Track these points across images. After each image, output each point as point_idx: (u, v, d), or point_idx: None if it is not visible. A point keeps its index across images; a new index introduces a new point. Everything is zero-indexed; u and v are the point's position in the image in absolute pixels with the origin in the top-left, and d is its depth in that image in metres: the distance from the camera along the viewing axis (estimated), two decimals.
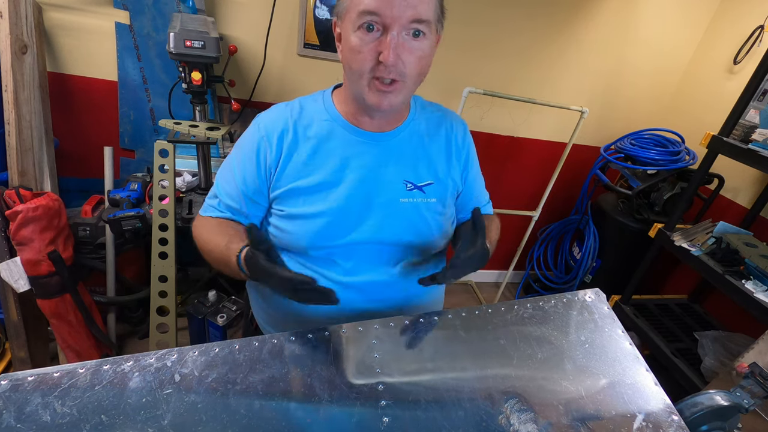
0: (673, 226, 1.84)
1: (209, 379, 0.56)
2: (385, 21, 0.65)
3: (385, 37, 0.66)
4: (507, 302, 0.78)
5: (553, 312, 0.78)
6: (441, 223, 0.87)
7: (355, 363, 0.63)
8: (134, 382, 0.54)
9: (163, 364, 0.57)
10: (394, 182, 0.82)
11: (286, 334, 0.65)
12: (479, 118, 2.22)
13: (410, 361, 0.66)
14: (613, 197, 2.35)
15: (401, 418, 0.56)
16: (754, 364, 0.72)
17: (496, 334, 0.72)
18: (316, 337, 0.66)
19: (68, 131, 1.78)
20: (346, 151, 0.80)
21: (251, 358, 0.60)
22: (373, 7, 0.64)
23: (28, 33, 1.46)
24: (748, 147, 1.52)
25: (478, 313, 0.75)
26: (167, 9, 1.66)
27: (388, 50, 0.66)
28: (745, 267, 1.56)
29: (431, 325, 0.73)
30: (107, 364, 0.55)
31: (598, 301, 0.82)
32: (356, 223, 0.80)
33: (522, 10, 1.99)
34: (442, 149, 0.88)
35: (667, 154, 2.06)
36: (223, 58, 1.65)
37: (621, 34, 2.18)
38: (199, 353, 0.59)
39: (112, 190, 1.65)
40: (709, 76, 2.23)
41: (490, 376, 0.65)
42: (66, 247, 1.50)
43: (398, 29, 0.66)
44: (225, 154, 2.00)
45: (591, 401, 0.64)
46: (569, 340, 0.73)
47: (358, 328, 0.70)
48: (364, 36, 0.67)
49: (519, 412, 0.60)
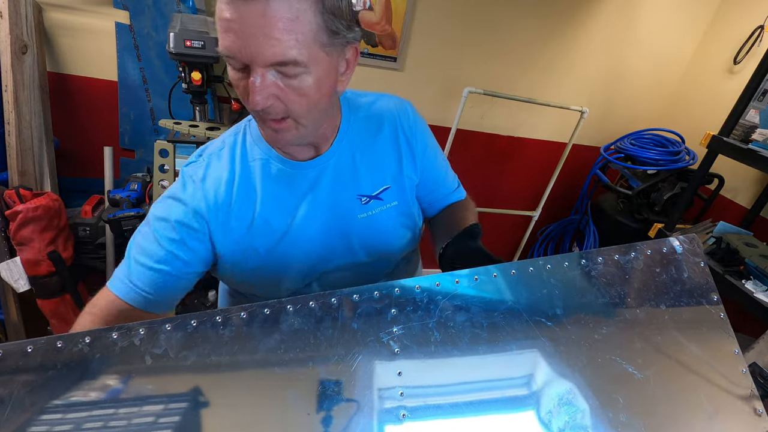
0: (673, 226, 1.84)
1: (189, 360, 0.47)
2: (243, 61, 0.55)
3: (250, 79, 0.56)
4: (570, 254, 0.59)
5: (630, 269, 0.59)
6: (407, 224, 0.84)
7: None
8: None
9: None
10: (347, 202, 0.77)
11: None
12: (479, 118, 2.22)
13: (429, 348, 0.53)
14: (613, 197, 2.35)
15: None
16: (754, 364, 0.72)
17: (551, 300, 0.56)
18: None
19: (68, 131, 1.78)
20: (289, 190, 0.73)
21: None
22: (224, 48, 0.55)
23: (28, 33, 1.46)
24: (748, 147, 1.52)
25: (533, 270, 0.57)
26: (167, 9, 1.66)
27: (253, 94, 0.56)
28: (745, 267, 1.56)
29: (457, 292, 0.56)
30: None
31: (691, 254, 0.60)
32: (322, 258, 0.77)
33: (522, 10, 1.99)
34: (390, 147, 0.80)
35: (667, 154, 2.06)
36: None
37: (621, 35, 2.18)
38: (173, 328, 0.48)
39: (112, 190, 1.65)
40: (709, 76, 2.23)
41: (524, 361, 0.53)
42: (66, 247, 1.50)
43: (261, 71, 0.55)
44: None
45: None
46: (647, 309, 0.58)
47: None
48: (234, 73, 0.59)
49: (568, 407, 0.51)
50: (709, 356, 0.59)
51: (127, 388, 0.47)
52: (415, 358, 0.51)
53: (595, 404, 0.53)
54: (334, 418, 0.48)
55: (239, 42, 0.53)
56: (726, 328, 0.60)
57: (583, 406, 0.52)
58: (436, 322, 0.53)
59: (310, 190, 0.74)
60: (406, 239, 0.85)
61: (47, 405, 0.45)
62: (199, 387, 0.47)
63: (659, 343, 0.58)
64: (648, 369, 0.55)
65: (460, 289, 0.55)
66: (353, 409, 0.48)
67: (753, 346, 1.38)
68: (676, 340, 0.58)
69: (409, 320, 0.53)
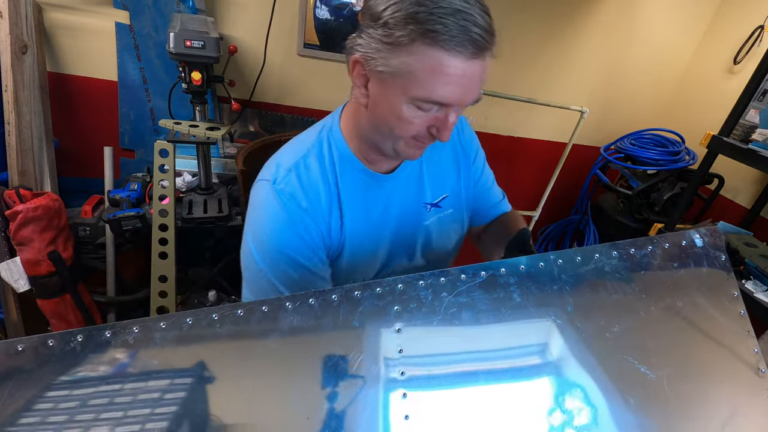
0: (673, 226, 1.84)
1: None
2: (449, 105, 0.62)
3: (443, 114, 0.63)
4: (584, 248, 0.57)
5: (647, 264, 0.56)
6: (459, 231, 0.91)
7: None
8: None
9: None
10: (415, 210, 0.83)
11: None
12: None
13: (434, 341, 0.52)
14: (613, 197, 2.35)
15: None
16: None
17: (562, 297, 0.54)
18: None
19: (68, 131, 1.78)
20: (366, 198, 0.78)
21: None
22: (447, 99, 0.60)
23: (28, 33, 1.46)
24: (748, 147, 1.52)
25: (543, 265, 0.55)
26: (167, 9, 1.66)
27: (447, 131, 0.63)
28: (745, 267, 1.56)
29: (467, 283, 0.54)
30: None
31: (714, 248, 0.57)
32: (384, 263, 0.83)
33: (522, 10, 1.99)
34: (449, 157, 0.87)
35: (667, 154, 2.06)
36: (223, 58, 1.64)
37: (621, 35, 2.18)
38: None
39: (112, 190, 1.65)
40: (709, 76, 2.23)
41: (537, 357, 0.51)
42: (66, 247, 1.50)
43: (457, 111, 0.64)
44: (225, 154, 2.00)
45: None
46: (663, 308, 0.55)
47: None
48: (418, 112, 0.62)
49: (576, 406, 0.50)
50: (727, 355, 0.56)
51: (124, 377, 0.46)
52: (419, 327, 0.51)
53: (606, 403, 0.51)
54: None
55: (459, 91, 0.60)
56: (746, 326, 0.57)
57: (593, 404, 0.51)
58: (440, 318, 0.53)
59: (387, 199, 0.80)
60: (457, 245, 0.92)
61: (38, 402, 0.45)
62: (204, 362, 0.48)
63: (676, 341, 0.55)
64: (662, 369, 0.53)
65: (468, 283, 0.54)
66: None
67: None
68: (694, 338, 0.56)
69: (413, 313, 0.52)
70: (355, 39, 0.63)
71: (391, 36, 0.57)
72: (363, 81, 0.65)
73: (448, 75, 0.57)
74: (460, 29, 0.54)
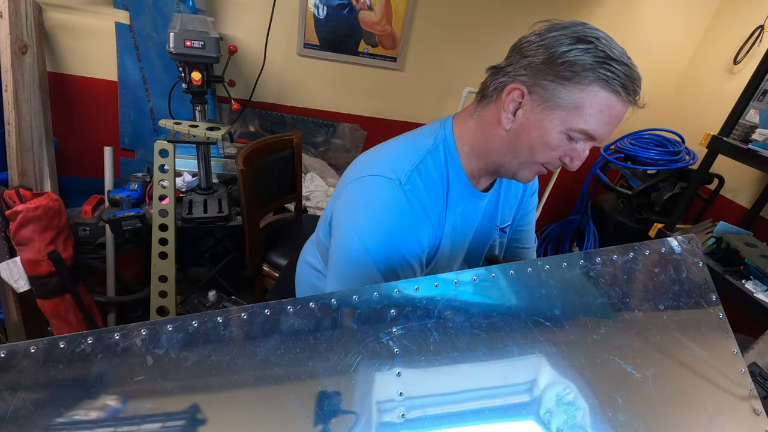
0: (673, 226, 1.84)
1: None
2: (592, 138, 0.68)
3: (581, 147, 0.70)
4: (568, 255, 0.60)
5: (629, 269, 0.60)
6: (500, 255, 0.99)
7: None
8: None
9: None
10: (491, 230, 0.92)
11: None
12: None
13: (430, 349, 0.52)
14: (613, 197, 2.35)
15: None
16: (753, 365, 0.72)
17: (550, 300, 0.57)
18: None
19: (68, 131, 1.78)
20: (464, 211, 0.83)
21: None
22: (599, 134, 0.67)
23: (28, 33, 1.46)
24: (748, 147, 1.52)
25: (531, 270, 0.58)
26: (167, 9, 1.66)
27: (579, 162, 0.71)
28: (745, 267, 1.56)
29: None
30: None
31: (690, 254, 0.61)
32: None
33: (521, 10, 1.99)
34: (520, 192, 0.95)
35: (667, 154, 2.06)
36: (223, 58, 1.65)
37: (621, 34, 2.16)
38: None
39: (112, 190, 1.65)
40: (709, 76, 2.23)
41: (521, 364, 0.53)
42: (66, 247, 1.50)
43: (590, 145, 0.71)
44: (225, 154, 2.00)
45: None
46: (646, 309, 0.59)
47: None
48: (565, 142, 0.69)
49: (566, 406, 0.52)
50: (709, 356, 0.59)
51: (126, 395, 0.47)
52: (415, 361, 0.51)
53: (595, 404, 0.53)
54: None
55: (609, 129, 0.67)
56: (725, 328, 0.61)
57: (583, 405, 0.53)
58: (435, 323, 0.53)
59: (477, 215, 0.86)
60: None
61: (50, 405, 0.45)
62: (197, 404, 0.47)
63: (658, 343, 0.58)
64: (647, 369, 0.56)
65: (459, 290, 0.55)
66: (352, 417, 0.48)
67: (753, 346, 1.38)
68: (676, 340, 0.59)
69: (408, 321, 0.52)
70: (516, 69, 0.71)
71: (572, 74, 0.64)
72: (515, 107, 0.70)
73: (610, 115, 0.66)
74: (627, 79, 0.65)
